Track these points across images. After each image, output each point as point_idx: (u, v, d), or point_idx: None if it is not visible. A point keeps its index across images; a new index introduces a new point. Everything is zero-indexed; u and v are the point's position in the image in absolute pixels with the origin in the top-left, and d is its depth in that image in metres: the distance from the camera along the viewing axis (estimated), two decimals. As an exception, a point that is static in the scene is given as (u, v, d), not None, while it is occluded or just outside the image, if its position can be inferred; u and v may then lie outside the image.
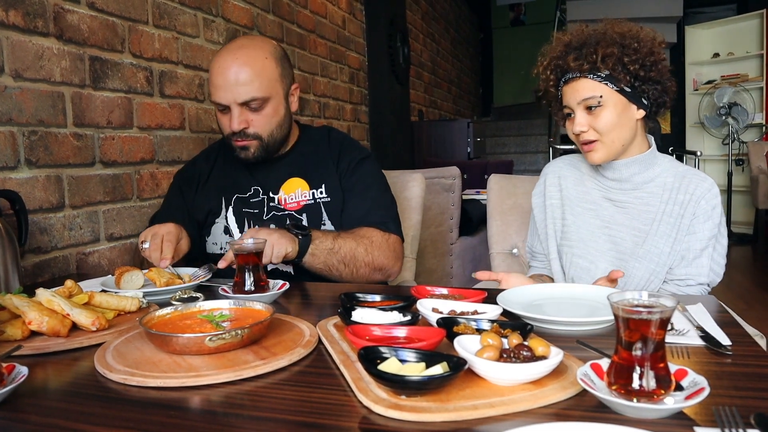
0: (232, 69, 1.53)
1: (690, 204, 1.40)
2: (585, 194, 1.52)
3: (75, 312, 1.05)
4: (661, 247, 1.40)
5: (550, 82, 1.46)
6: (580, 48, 1.38)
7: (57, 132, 1.70)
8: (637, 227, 1.44)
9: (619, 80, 1.35)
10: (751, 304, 3.80)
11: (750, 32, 6.59)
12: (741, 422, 0.64)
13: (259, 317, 1.01)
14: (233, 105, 1.55)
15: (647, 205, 1.44)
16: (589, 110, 1.38)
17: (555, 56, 1.43)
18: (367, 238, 1.56)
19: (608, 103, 1.36)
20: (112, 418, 0.74)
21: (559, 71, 1.43)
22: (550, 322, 1.02)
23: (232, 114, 1.56)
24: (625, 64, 1.34)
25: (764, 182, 5.48)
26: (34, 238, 1.62)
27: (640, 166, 1.44)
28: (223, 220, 1.66)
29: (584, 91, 1.37)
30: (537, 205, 1.63)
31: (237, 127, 1.56)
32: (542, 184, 1.62)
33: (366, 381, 0.78)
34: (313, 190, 1.66)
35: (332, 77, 3.69)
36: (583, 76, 1.37)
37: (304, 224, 1.52)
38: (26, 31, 1.60)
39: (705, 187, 1.40)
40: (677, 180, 1.43)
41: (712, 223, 1.39)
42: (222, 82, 1.54)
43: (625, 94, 1.37)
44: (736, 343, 0.92)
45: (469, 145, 5.54)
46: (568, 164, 1.60)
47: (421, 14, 6.20)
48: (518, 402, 0.72)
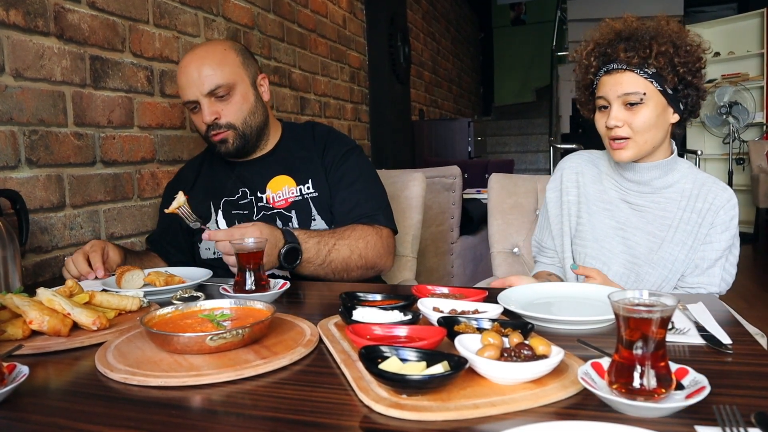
0: (192, 65, 1.58)
1: (709, 213, 1.37)
2: (602, 193, 1.48)
3: (76, 311, 1.05)
4: (675, 254, 1.38)
5: (591, 68, 1.38)
6: (633, 39, 1.31)
7: (58, 131, 1.70)
8: (652, 232, 1.41)
9: (665, 80, 1.30)
10: (751, 302, 3.80)
11: (750, 31, 6.58)
12: (742, 421, 0.64)
13: (260, 316, 1.01)
14: (201, 98, 1.58)
15: (664, 211, 1.40)
16: (627, 106, 1.32)
17: (602, 43, 1.36)
18: (362, 239, 1.53)
19: (650, 102, 1.31)
20: (113, 418, 0.74)
21: (603, 59, 1.35)
22: (551, 321, 1.02)
23: (202, 107, 1.58)
24: (675, 65, 1.29)
25: (765, 181, 5.48)
26: (34, 237, 1.62)
27: (661, 170, 1.40)
28: (214, 225, 1.67)
29: (627, 86, 1.30)
30: (552, 200, 1.56)
31: (209, 118, 1.58)
32: (558, 179, 1.56)
33: (367, 380, 0.78)
34: (300, 186, 1.65)
35: (333, 76, 3.69)
36: (629, 70, 1.30)
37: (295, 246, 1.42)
38: (27, 31, 1.60)
39: (725, 198, 1.37)
40: (696, 187, 1.40)
41: (729, 234, 1.37)
42: (185, 80, 1.58)
43: (667, 96, 1.32)
44: (736, 342, 0.92)
45: (469, 145, 5.54)
46: (586, 160, 1.54)
47: (422, 13, 6.20)
48: (519, 401, 0.72)
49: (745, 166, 6.27)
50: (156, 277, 1.33)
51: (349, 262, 1.51)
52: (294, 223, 1.62)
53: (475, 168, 4.74)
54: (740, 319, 1.12)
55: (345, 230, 1.54)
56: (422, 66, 6.11)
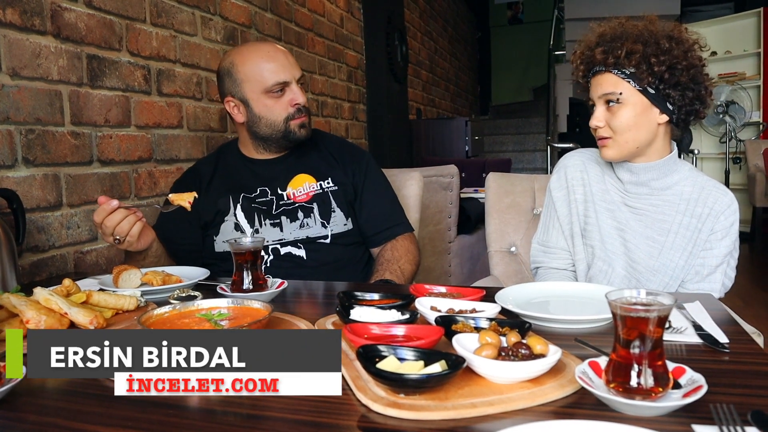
0: (279, 52, 1.67)
1: (709, 218, 1.36)
2: (605, 192, 1.46)
3: (73, 311, 1.04)
4: (676, 260, 1.37)
5: (580, 73, 1.41)
6: (611, 41, 1.33)
7: (54, 130, 1.69)
8: (651, 237, 1.39)
9: (642, 80, 1.30)
10: (748, 302, 3.81)
11: (747, 30, 6.59)
12: (738, 420, 0.64)
13: (257, 316, 1.01)
14: (293, 81, 1.65)
15: (663, 215, 1.39)
16: (608, 106, 1.34)
17: (586, 47, 1.38)
18: (410, 252, 1.73)
19: (628, 101, 1.31)
20: (110, 417, 0.74)
21: (588, 62, 1.38)
22: (549, 320, 1.02)
23: (294, 89, 1.65)
24: (651, 64, 1.29)
25: (761, 180, 5.49)
26: (31, 236, 1.62)
27: (658, 171, 1.38)
28: (233, 218, 1.67)
29: (606, 86, 1.33)
30: (559, 198, 1.52)
31: (303, 99, 1.66)
32: (563, 177, 1.52)
33: (364, 379, 0.78)
34: (320, 182, 1.70)
35: (330, 75, 3.69)
36: (607, 71, 1.33)
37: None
38: (23, 30, 1.60)
39: (725, 203, 1.36)
40: (696, 191, 1.38)
41: (729, 240, 1.36)
42: (276, 64, 1.64)
43: (648, 96, 1.31)
44: (733, 341, 0.92)
45: (467, 144, 5.54)
46: (589, 158, 1.52)
47: (419, 12, 6.20)
48: (516, 400, 0.72)
49: (741, 165, 6.29)
50: (153, 276, 1.33)
51: (413, 273, 1.72)
52: (315, 214, 1.67)
53: (472, 167, 4.74)
54: (737, 318, 1.12)
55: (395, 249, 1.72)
56: (420, 65, 6.11)
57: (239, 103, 1.67)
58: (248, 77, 1.64)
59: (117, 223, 1.35)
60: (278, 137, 1.68)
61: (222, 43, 2.49)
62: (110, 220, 1.35)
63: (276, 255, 1.63)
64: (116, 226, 1.35)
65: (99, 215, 1.35)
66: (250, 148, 1.74)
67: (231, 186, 1.71)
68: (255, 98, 1.64)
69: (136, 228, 1.38)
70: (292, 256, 1.63)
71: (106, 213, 1.34)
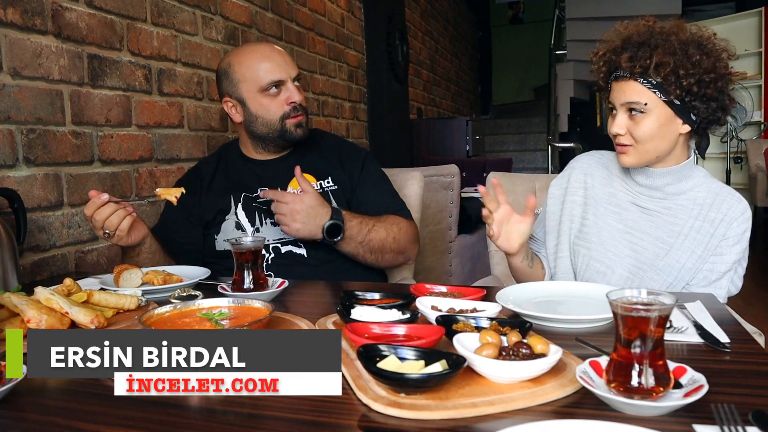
0: (275, 51, 1.68)
1: (722, 224, 1.35)
2: (611, 196, 1.45)
3: (74, 310, 1.04)
4: (683, 262, 1.36)
5: (600, 74, 1.37)
6: (638, 47, 1.28)
7: (55, 130, 1.69)
8: (660, 237, 1.38)
9: (669, 92, 1.26)
10: (749, 301, 3.80)
11: (748, 30, 6.59)
12: (739, 419, 0.64)
13: (258, 315, 1.01)
14: (288, 80, 1.65)
15: (674, 218, 1.38)
16: (631, 114, 1.30)
17: (610, 49, 1.34)
18: (396, 225, 1.66)
19: (652, 112, 1.28)
20: (110, 417, 0.74)
21: (611, 65, 1.33)
22: (549, 319, 1.02)
23: (290, 87, 1.66)
24: (679, 77, 1.25)
25: (762, 180, 5.48)
26: (32, 236, 1.62)
27: (674, 176, 1.37)
28: (234, 217, 1.68)
29: (630, 94, 1.29)
30: (554, 196, 1.53)
31: (299, 97, 1.66)
32: (566, 178, 1.52)
33: (365, 379, 0.78)
34: (321, 181, 1.71)
35: (331, 75, 3.69)
36: (632, 78, 1.28)
37: (338, 223, 1.55)
38: (24, 29, 1.60)
39: (739, 210, 1.35)
40: (710, 197, 1.37)
41: (740, 248, 1.35)
42: (272, 63, 1.65)
43: (673, 107, 1.28)
44: (734, 340, 0.92)
45: (467, 143, 5.54)
46: (597, 162, 1.51)
47: (420, 12, 6.20)
48: (517, 400, 0.72)
49: (742, 165, 6.28)
50: (154, 275, 1.33)
51: (385, 244, 1.63)
52: None
53: (473, 167, 4.74)
54: (738, 318, 1.12)
55: (382, 216, 1.67)
56: (420, 65, 6.11)
57: (236, 103, 1.67)
58: (245, 77, 1.64)
59: (106, 217, 1.38)
60: (275, 136, 1.68)
61: (223, 42, 2.50)
62: (99, 213, 1.37)
63: (277, 253, 1.63)
64: (105, 219, 1.38)
65: (89, 208, 1.38)
66: (250, 149, 1.74)
67: (232, 185, 1.71)
68: (251, 97, 1.65)
69: (125, 222, 1.40)
70: (293, 254, 1.64)
71: (96, 206, 1.37)
